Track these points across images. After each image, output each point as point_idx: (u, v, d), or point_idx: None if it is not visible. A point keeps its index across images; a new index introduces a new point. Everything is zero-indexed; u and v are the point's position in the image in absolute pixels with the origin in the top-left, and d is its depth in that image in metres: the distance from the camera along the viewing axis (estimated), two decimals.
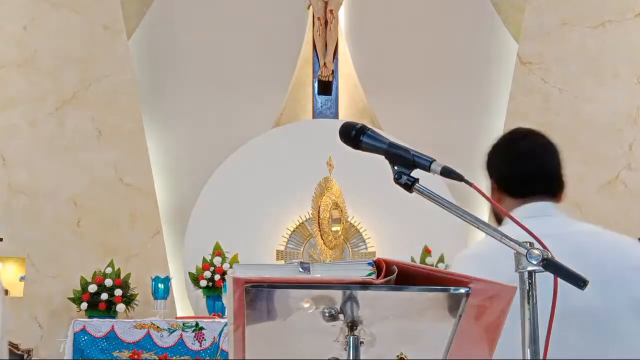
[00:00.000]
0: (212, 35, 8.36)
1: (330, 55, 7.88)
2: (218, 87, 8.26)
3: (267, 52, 8.36)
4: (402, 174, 1.66)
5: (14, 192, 7.14)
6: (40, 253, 7.05)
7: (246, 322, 1.56)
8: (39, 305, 6.97)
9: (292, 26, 8.43)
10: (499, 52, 8.38)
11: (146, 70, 8.19)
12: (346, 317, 1.59)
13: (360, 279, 1.56)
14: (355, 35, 8.39)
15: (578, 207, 7.36)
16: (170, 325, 6.00)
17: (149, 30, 8.31)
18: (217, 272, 7.00)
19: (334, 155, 7.16)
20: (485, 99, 8.29)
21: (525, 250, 1.53)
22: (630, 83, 7.48)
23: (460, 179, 1.62)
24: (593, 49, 7.62)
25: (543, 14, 7.78)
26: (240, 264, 3.17)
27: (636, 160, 7.33)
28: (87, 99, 7.47)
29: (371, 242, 7.35)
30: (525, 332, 1.57)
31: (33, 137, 7.29)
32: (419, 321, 1.63)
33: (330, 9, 7.91)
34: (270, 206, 7.40)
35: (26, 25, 7.46)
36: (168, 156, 8.05)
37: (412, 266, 1.61)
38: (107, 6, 7.62)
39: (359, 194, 7.27)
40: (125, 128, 7.46)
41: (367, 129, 1.74)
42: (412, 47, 8.45)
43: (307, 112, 8.03)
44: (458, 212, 1.62)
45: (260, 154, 7.58)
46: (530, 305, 1.56)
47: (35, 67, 7.40)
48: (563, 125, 7.56)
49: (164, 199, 7.73)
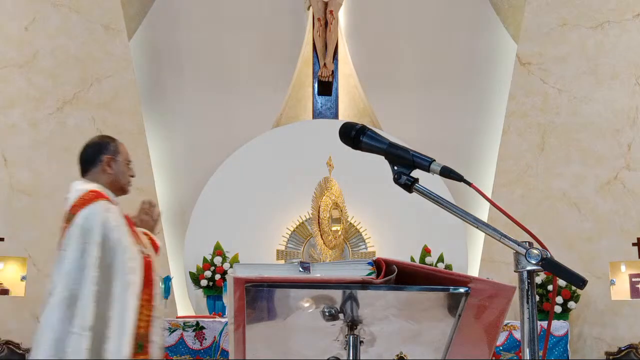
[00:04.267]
0: (212, 35, 8.37)
1: (330, 56, 7.88)
2: (218, 87, 8.26)
3: (267, 53, 8.37)
4: (401, 174, 1.67)
5: (15, 192, 7.14)
6: (41, 253, 7.06)
7: (246, 321, 1.57)
8: (40, 305, 6.95)
9: (292, 27, 8.44)
10: (499, 52, 8.38)
11: (146, 70, 8.20)
12: (346, 317, 1.60)
13: (360, 279, 1.57)
14: (355, 36, 8.40)
15: (577, 207, 7.37)
16: (171, 325, 6.00)
17: (150, 31, 8.32)
18: (218, 272, 7.01)
19: (334, 155, 7.17)
20: (485, 99, 8.30)
21: (524, 250, 1.54)
22: (630, 83, 7.48)
23: (459, 179, 1.63)
24: (592, 49, 7.62)
25: (542, 15, 7.78)
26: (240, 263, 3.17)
27: (635, 161, 7.33)
28: (88, 99, 7.47)
29: (371, 242, 7.36)
30: (525, 332, 1.57)
31: (34, 137, 7.29)
32: (418, 321, 1.64)
33: (330, 10, 7.92)
34: (270, 206, 7.40)
35: (27, 26, 7.46)
36: (168, 156, 8.06)
37: (412, 266, 1.62)
38: (108, 6, 7.62)
39: (359, 194, 7.27)
40: (126, 128, 7.47)
41: (367, 129, 1.75)
42: (411, 48, 8.46)
43: (307, 112, 8.04)
44: (458, 212, 1.63)
45: (260, 154, 7.58)
46: (529, 305, 1.57)
47: (36, 67, 7.41)
48: (562, 126, 7.56)
49: (164, 199, 7.74)
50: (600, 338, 7.09)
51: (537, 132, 7.60)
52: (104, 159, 3.66)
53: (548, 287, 6.81)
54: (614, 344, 6.97)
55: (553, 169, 7.50)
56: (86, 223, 3.32)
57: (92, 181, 3.59)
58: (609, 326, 7.08)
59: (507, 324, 6.18)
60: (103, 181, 3.62)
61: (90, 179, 3.62)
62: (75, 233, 3.32)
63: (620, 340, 6.96)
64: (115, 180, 3.68)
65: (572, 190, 7.42)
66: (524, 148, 7.59)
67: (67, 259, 3.31)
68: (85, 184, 3.56)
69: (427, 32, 8.47)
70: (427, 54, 8.44)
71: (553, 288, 1.62)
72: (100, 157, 3.66)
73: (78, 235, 3.31)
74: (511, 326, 6.18)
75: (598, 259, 7.19)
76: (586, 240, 7.26)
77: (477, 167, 7.96)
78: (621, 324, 7.05)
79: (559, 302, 6.79)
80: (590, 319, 7.14)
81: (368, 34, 8.46)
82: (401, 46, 8.47)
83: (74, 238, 3.32)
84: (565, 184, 7.44)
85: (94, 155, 3.68)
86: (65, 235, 3.38)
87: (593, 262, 7.16)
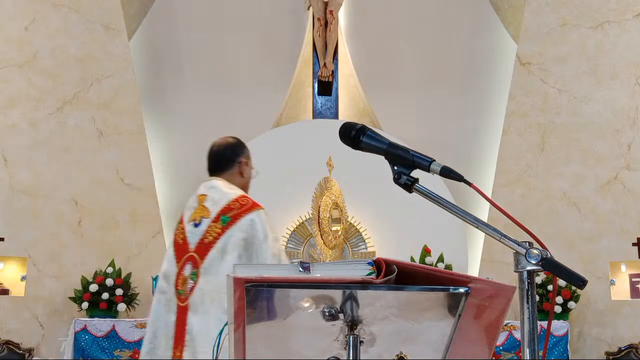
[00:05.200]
0: (212, 35, 8.37)
1: (330, 56, 7.88)
2: (218, 87, 8.26)
3: (267, 53, 8.37)
4: (401, 174, 1.67)
5: (15, 192, 7.14)
6: (41, 253, 7.06)
7: (246, 321, 1.57)
8: (40, 305, 6.98)
9: (292, 27, 8.45)
10: (499, 52, 8.38)
11: (146, 70, 8.20)
12: (346, 317, 1.60)
13: (360, 279, 1.57)
14: (355, 36, 8.39)
15: (577, 207, 7.37)
16: None
17: (150, 31, 8.32)
18: None
19: (334, 155, 7.17)
20: (485, 99, 8.30)
21: (524, 249, 1.54)
22: (630, 84, 7.48)
23: (459, 178, 1.63)
24: (592, 49, 7.62)
25: (542, 15, 7.78)
26: (240, 263, 3.17)
27: (635, 161, 7.34)
28: (88, 99, 7.47)
29: (371, 242, 7.35)
30: (525, 332, 1.57)
31: (34, 137, 7.29)
32: (418, 321, 1.64)
33: (330, 10, 7.92)
34: (270, 206, 7.37)
35: (27, 26, 7.47)
36: (168, 156, 8.06)
37: (412, 266, 1.62)
38: (108, 6, 7.62)
39: (359, 194, 7.27)
40: (126, 128, 7.47)
41: (367, 129, 1.75)
42: (411, 48, 8.46)
43: (307, 112, 8.04)
44: (458, 212, 1.63)
45: (260, 154, 7.53)
46: (529, 305, 1.56)
47: (36, 67, 7.41)
48: (562, 126, 7.56)
49: (164, 199, 7.74)
50: (600, 338, 7.09)
51: (537, 132, 7.60)
52: (242, 162, 3.64)
53: (548, 287, 6.81)
54: (614, 344, 6.97)
55: (553, 169, 7.50)
56: (254, 230, 3.36)
57: (227, 182, 3.54)
58: (609, 326, 7.08)
59: (507, 324, 6.18)
60: (236, 183, 3.59)
61: (226, 179, 3.57)
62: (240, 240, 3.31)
63: (620, 340, 6.96)
64: (246, 184, 3.67)
65: (572, 190, 7.42)
66: (524, 148, 7.59)
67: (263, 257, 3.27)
68: (232, 188, 3.52)
69: (427, 32, 8.47)
70: (427, 54, 8.44)
71: (553, 288, 1.61)
72: (239, 159, 3.64)
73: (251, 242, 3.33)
74: (511, 326, 6.18)
75: (598, 259, 7.20)
76: (586, 240, 7.27)
77: (477, 167, 7.96)
78: (621, 324, 7.05)
79: (559, 302, 6.79)
80: (590, 319, 7.14)
81: (368, 34, 8.46)
82: (401, 46, 8.47)
83: (239, 244, 3.32)
84: (565, 184, 7.44)
85: (232, 156, 3.63)
86: (219, 237, 3.33)
87: (593, 262, 7.16)
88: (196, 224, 3.39)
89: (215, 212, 3.38)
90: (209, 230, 3.34)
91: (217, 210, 3.37)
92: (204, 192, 3.47)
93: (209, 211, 3.39)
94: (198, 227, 3.37)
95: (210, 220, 3.37)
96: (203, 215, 3.40)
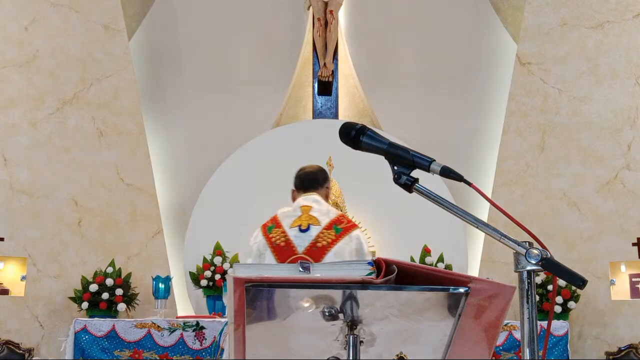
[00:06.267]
0: (212, 35, 8.37)
1: (330, 56, 7.88)
2: (218, 87, 8.26)
3: (267, 53, 8.37)
4: (401, 174, 1.67)
5: (15, 192, 7.14)
6: (41, 253, 7.06)
7: (246, 321, 1.57)
8: (40, 305, 6.98)
9: (292, 27, 8.44)
10: (498, 52, 8.38)
11: (146, 70, 8.20)
12: (346, 317, 1.60)
13: (360, 279, 1.57)
14: (355, 36, 8.39)
15: (577, 207, 7.37)
16: (171, 325, 6.01)
17: (150, 31, 8.31)
18: (218, 272, 7.00)
19: (334, 155, 7.17)
20: (485, 99, 8.30)
21: (524, 249, 1.54)
22: (629, 83, 7.48)
23: (459, 179, 1.63)
24: (592, 49, 7.62)
25: (542, 14, 7.78)
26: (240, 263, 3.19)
27: (635, 161, 7.34)
28: (88, 99, 7.48)
29: (371, 242, 7.35)
30: (525, 332, 1.57)
31: (34, 137, 7.29)
32: (418, 321, 1.64)
33: (330, 10, 7.91)
34: (270, 206, 7.35)
35: (27, 26, 7.47)
36: (168, 156, 8.06)
37: (412, 266, 1.62)
38: (108, 6, 7.62)
39: (359, 194, 7.27)
40: (126, 128, 7.47)
41: (367, 129, 1.75)
42: (411, 48, 8.46)
43: (307, 112, 8.04)
44: (457, 212, 1.63)
45: (260, 154, 7.58)
46: (529, 305, 1.56)
47: (36, 67, 7.41)
48: (562, 126, 7.56)
49: (164, 199, 7.74)
50: (600, 338, 7.09)
51: (537, 132, 7.60)
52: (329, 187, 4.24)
53: (548, 287, 6.81)
54: (614, 344, 6.97)
55: (553, 169, 7.50)
56: (360, 244, 3.84)
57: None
58: (609, 326, 7.08)
59: (507, 324, 6.18)
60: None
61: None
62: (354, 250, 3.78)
63: (620, 340, 6.96)
64: None
65: (572, 190, 7.42)
66: (524, 148, 7.59)
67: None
68: (330, 206, 4.05)
69: (427, 32, 8.46)
70: (427, 54, 8.44)
71: (553, 288, 1.62)
72: (327, 184, 4.23)
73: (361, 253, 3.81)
74: (511, 326, 6.18)
75: (598, 259, 7.20)
76: (586, 240, 7.27)
77: (477, 167, 7.96)
78: (621, 324, 7.05)
79: (559, 302, 6.79)
80: (590, 319, 7.14)
81: (368, 34, 8.46)
82: (401, 46, 8.47)
83: (353, 253, 3.76)
84: (565, 184, 7.43)
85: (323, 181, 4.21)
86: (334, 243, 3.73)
87: (593, 262, 7.17)
88: (302, 230, 3.79)
89: (326, 221, 3.81)
90: (321, 236, 3.74)
91: (327, 220, 3.82)
92: (308, 203, 3.94)
93: (317, 220, 3.83)
94: (306, 232, 3.77)
95: (322, 227, 3.79)
96: (311, 223, 3.82)
